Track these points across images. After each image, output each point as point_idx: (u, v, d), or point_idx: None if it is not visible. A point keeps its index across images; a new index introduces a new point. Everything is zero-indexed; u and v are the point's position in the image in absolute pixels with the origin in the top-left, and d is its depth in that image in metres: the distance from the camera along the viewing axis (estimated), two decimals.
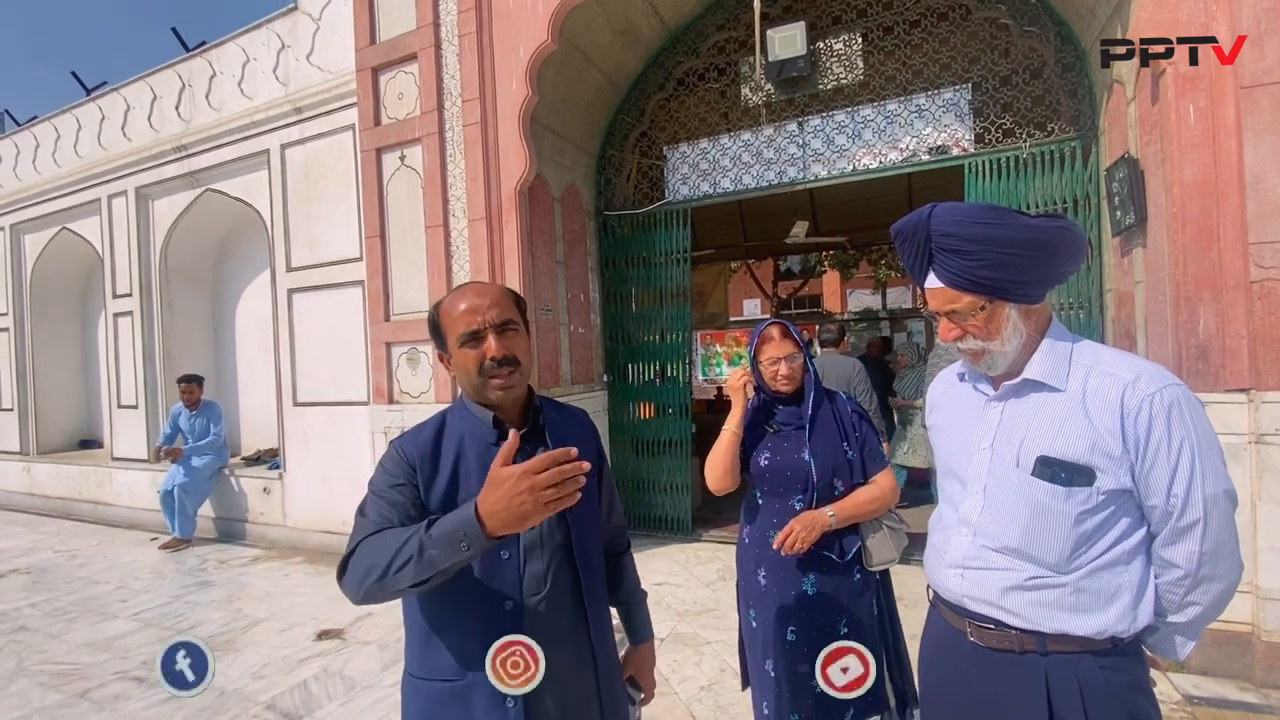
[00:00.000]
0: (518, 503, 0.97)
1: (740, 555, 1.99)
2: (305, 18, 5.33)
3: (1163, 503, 1.05)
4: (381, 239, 4.76)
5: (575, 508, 1.10)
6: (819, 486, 1.81)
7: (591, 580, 1.25)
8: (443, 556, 0.99)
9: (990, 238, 1.08)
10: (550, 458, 0.98)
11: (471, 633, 1.13)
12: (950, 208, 1.13)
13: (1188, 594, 1.08)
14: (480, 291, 1.23)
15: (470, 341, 1.19)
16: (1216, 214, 2.69)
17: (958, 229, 1.10)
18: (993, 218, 1.10)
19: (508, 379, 1.18)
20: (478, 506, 0.99)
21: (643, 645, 1.47)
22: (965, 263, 1.11)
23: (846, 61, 4.46)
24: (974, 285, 1.12)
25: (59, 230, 7.36)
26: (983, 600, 1.16)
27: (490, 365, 1.17)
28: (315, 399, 5.34)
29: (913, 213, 1.16)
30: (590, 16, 4.36)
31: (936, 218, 1.13)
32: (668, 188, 5.19)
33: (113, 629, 3.85)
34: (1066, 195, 3.81)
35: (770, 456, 1.88)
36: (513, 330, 1.22)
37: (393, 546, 1.03)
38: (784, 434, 1.90)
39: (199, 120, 6.00)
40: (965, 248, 1.10)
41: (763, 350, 1.92)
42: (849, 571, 1.83)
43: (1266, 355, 2.61)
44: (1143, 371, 1.08)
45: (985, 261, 1.09)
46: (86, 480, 7.02)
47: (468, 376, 1.20)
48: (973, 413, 1.24)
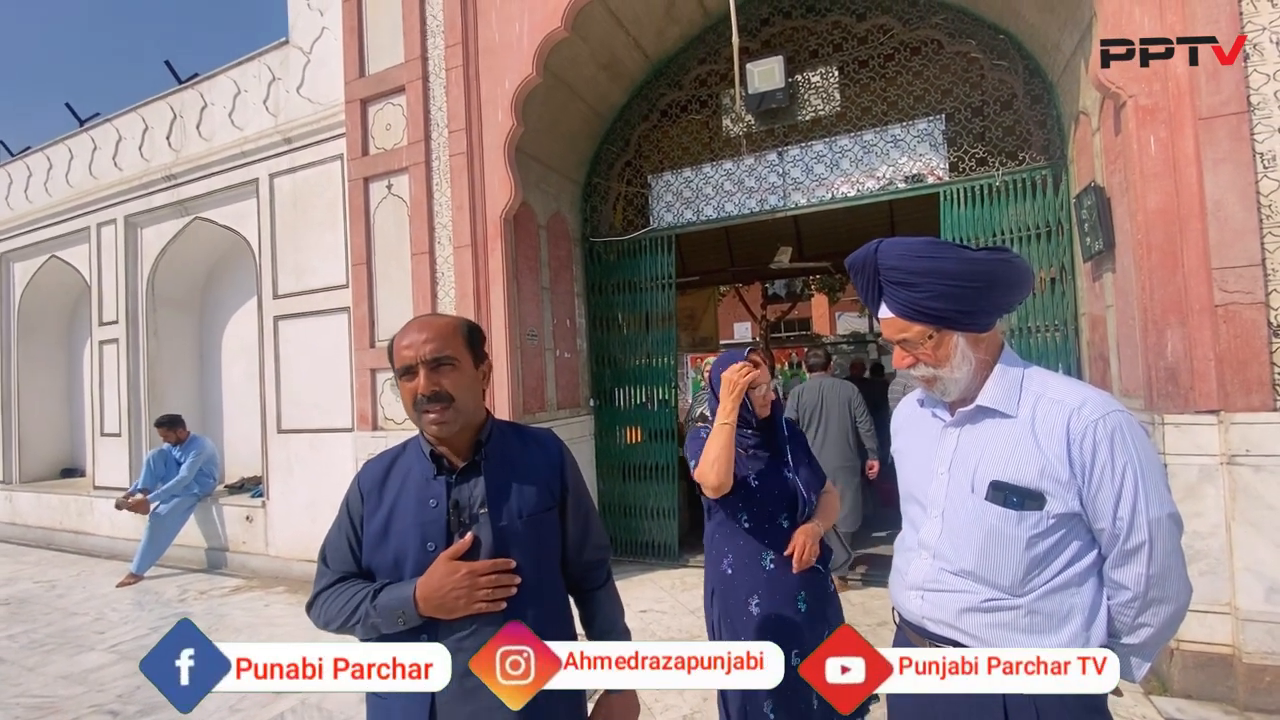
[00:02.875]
0: (453, 596, 1.13)
1: (723, 588, 1.88)
2: (296, 51, 5.44)
3: (1109, 525, 1.08)
4: (368, 266, 4.80)
5: (507, 547, 1.22)
6: (808, 502, 1.87)
7: (525, 621, 1.16)
8: (384, 625, 1.15)
9: (932, 270, 1.13)
10: (494, 565, 1.16)
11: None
12: (895, 243, 1.18)
13: (1138, 615, 1.11)
14: (423, 326, 1.24)
15: (405, 375, 1.21)
16: (1180, 240, 2.76)
17: (901, 263, 1.15)
18: (934, 252, 1.14)
19: (440, 414, 1.19)
20: (417, 589, 1.14)
21: (615, 695, 1.33)
22: (911, 294, 1.15)
23: (824, 94, 4.58)
24: (921, 315, 1.16)
25: (48, 258, 7.38)
26: (941, 622, 1.19)
27: (421, 400, 1.19)
28: (300, 426, 5.31)
29: (862, 248, 1.21)
30: (574, 51, 4.47)
31: (882, 253, 1.18)
32: (653, 215, 5.27)
33: (89, 661, 3.77)
34: (1039, 221, 3.90)
35: (759, 481, 1.88)
36: (448, 365, 1.21)
37: (346, 608, 1.18)
38: (757, 456, 1.92)
39: (189, 150, 6.07)
40: (910, 280, 1.15)
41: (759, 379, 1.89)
42: (827, 580, 1.90)
43: (1234, 377, 2.66)
44: (1088, 399, 1.11)
45: (930, 293, 1.14)
46: (67, 509, 6.92)
47: (407, 409, 1.23)
48: (931, 438, 1.27)
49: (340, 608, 1.18)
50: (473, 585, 1.13)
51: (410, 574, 1.18)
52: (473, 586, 1.13)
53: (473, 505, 1.22)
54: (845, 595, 4.13)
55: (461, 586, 1.13)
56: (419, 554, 1.18)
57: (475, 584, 1.13)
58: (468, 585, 1.13)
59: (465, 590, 1.13)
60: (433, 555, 1.17)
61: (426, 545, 1.19)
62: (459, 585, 1.13)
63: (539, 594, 1.24)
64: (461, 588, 1.13)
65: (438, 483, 1.23)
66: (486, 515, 1.21)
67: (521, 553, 1.21)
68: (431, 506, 1.21)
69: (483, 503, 1.22)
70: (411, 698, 1.14)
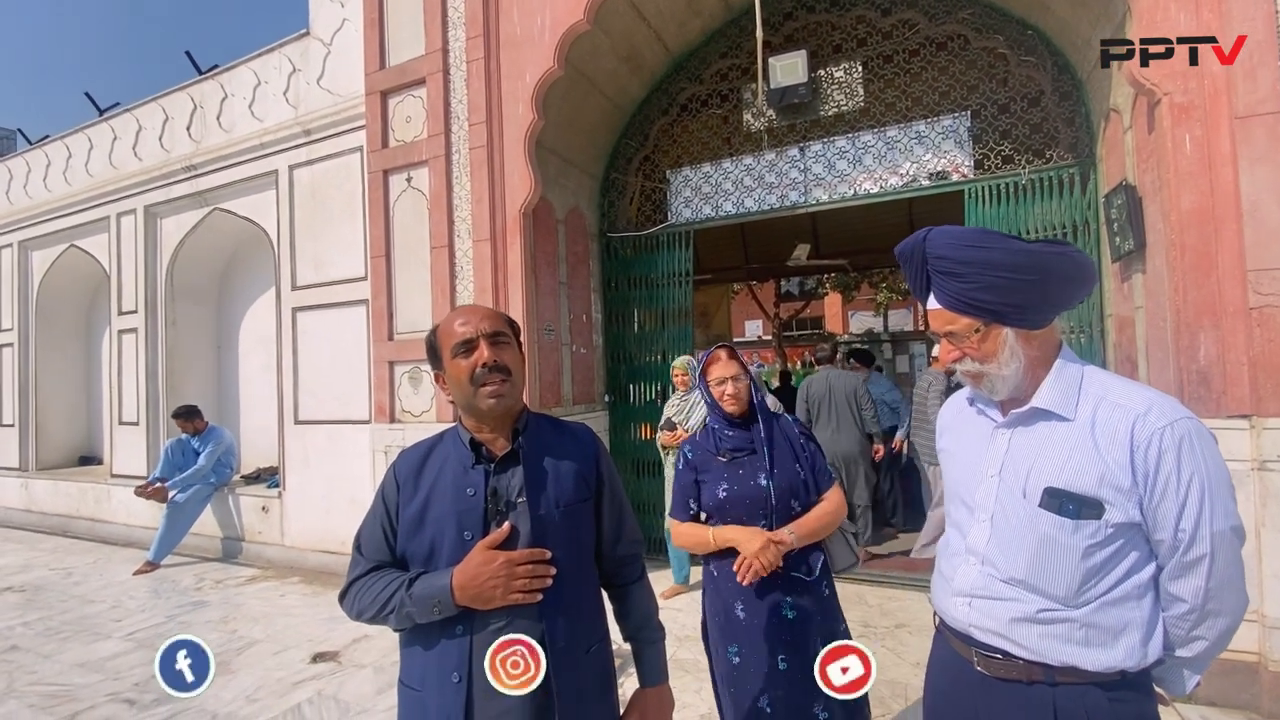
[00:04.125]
0: (490, 585, 1.11)
1: (711, 588, 1.93)
2: (317, 43, 5.44)
3: (1170, 537, 1.04)
4: (387, 259, 4.81)
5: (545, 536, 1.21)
6: (777, 509, 1.82)
7: (560, 613, 1.19)
8: (419, 615, 1.14)
9: (982, 261, 1.09)
10: (531, 554, 1.15)
11: (428, 650, 1.17)
12: (944, 231, 1.15)
13: (1193, 629, 1.07)
14: (474, 309, 1.27)
15: (463, 351, 1.21)
16: (1214, 241, 2.71)
17: (950, 252, 1.12)
18: (985, 241, 1.11)
19: (499, 386, 1.20)
20: (454, 577, 1.12)
21: (650, 690, 1.34)
22: (959, 285, 1.12)
23: (847, 89, 4.53)
24: (969, 307, 1.12)
25: (67, 247, 7.43)
26: (990, 630, 1.15)
27: (482, 372, 1.19)
28: (316, 417, 5.34)
29: (911, 235, 1.18)
30: (596, 43, 4.45)
31: (931, 241, 1.14)
32: (670, 210, 5.25)
33: (105, 649, 3.81)
34: (1065, 221, 3.84)
35: (728, 487, 1.87)
36: (504, 342, 1.24)
37: (381, 597, 1.17)
38: (737, 461, 1.90)
39: (209, 141, 6.09)
40: (958, 270, 1.11)
41: (710, 370, 1.96)
42: (820, 587, 1.84)
43: (1267, 381, 2.61)
44: (1154, 404, 1.06)
45: (978, 284, 1.10)
46: (84, 497, 6.99)
47: (460, 387, 1.22)
48: (980, 439, 1.23)
49: (374, 597, 1.17)
50: (510, 575, 1.12)
51: (446, 563, 1.17)
52: (510, 576, 1.12)
53: (510, 494, 1.21)
54: (860, 593, 4.11)
55: (499, 576, 1.12)
56: (455, 542, 1.18)
57: (513, 573, 1.12)
58: (505, 575, 1.12)
59: (503, 580, 1.12)
60: (470, 544, 1.16)
61: (463, 534, 1.18)
62: (496, 574, 1.11)
63: (574, 586, 1.23)
64: (499, 577, 1.12)
65: (476, 471, 1.22)
66: (525, 504, 1.20)
67: (558, 543, 1.21)
68: (469, 495, 1.20)
69: (520, 492, 1.21)
70: (448, 691, 1.13)
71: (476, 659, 1.12)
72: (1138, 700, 1.09)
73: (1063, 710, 1.08)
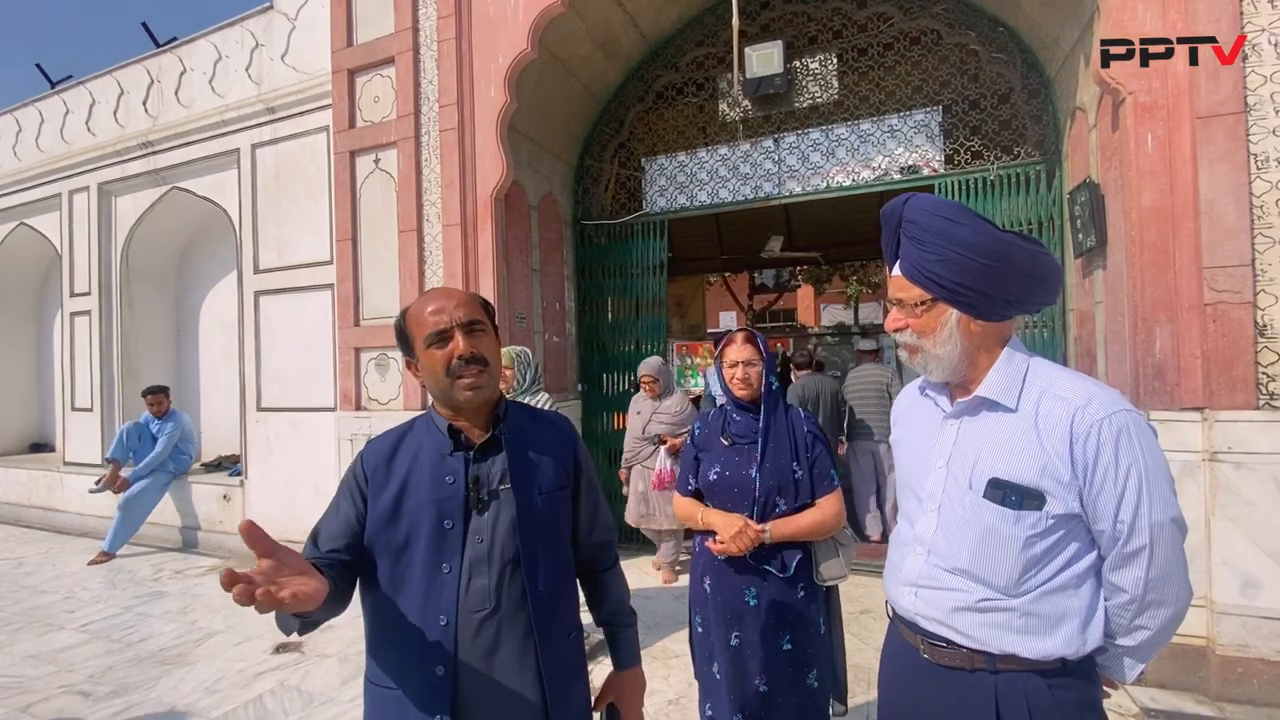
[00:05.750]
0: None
1: (691, 563, 2.04)
2: (281, 17, 5.26)
3: (1109, 528, 1.05)
4: (353, 243, 4.69)
5: (530, 523, 1.17)
6: (759, 501, 1.83)
7: (545, 600, 1.18)
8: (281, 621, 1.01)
9: (946, 233, 1.09)
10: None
11: (406, 645, 1.13)
12: (924, 198, 1.15)
13: (1135, 618, 1.09)
14: (447, 294, 1.21)
15: (437, 342, 1.17)
16: (1173, 238, 2.78)
17: (921, 218, 1.12)
18: (955, 215, 1.10)
19: (476, 378, 1.16)
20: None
21: (625, 671, 1.36)
22: (920, 253, 1.12)
23: (822, 81, 4.54)
24: (923, 278, 1.13)
25: (16, 225, 7.11)
26: (934, 619, 1.16)
27: (458, 364, 1.15)
28: (280, 404, 5.21)
29: (898, 197, 1.19)
30: (571, 27, 4.38)
31: (910, 205, 1.15)
32: (645, 199, 5.21)
33: (59, 640, 3.68)
34: (1031, 217, 3.91)
35: (720, 471, 1.91)
36: (480, 331, 1.20)
37: None
38: (737, 447, 1.92)
39: (167, 117, 5.86)
40: (922, 237, 1.12)
41: (726, 353, 1.98)
42: (793, 586, 1.84)
43: (1219, 375, 2.69)
44: (1094, 396, 1.07)
45: (936, 256, 1.10)
46: (36, 485, 6.74)
47: (435, 378, 1.18)
48: (930, 429, 1.24)
49: None
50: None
51: (424, 552, 1.13)
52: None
53: (492, 482, 1.18)
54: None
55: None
56: (434, 531, 1.14)
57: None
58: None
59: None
60: (450, 532, 1.14)
61: (443, 522, 1.14)
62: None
63: (555, 572, 1.22)
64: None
65: (454, 459, 1.19)
66: (509, 492, 1.18)
67: (540, 530, 1.20)
68: (448, 483, 1.16)
69: (504, 478, 1.18)
70: (429, 682, 1.10)
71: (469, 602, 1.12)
72: (1079, 687, 1.10)
73: (1003, 697, 1.09)
